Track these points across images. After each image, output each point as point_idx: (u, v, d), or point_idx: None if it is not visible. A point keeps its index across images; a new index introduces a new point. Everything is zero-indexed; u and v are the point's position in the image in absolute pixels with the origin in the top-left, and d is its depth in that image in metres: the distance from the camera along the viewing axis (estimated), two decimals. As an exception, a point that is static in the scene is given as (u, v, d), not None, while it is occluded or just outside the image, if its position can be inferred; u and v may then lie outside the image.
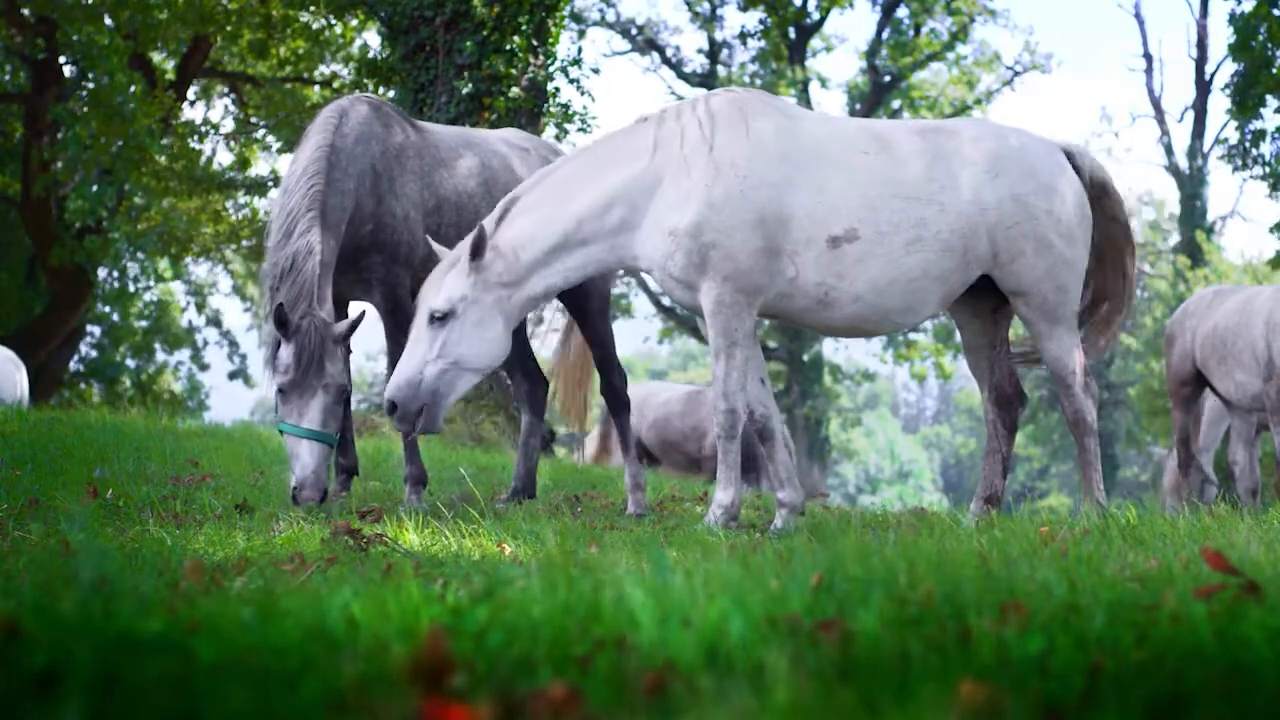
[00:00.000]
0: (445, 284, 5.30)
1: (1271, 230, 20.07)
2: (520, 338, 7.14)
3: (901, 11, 30.10)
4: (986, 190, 5.55)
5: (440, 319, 5.25)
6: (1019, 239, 5.58)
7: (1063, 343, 5.77)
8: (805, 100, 29.20)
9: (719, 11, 30.21)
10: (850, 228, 5.37)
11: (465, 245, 5.34)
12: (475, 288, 5.27)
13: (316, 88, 21.00)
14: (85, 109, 17.54)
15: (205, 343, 30.68)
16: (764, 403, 5.63)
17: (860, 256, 5.39)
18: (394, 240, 5.93)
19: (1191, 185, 29.78)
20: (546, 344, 7.96)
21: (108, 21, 17.75)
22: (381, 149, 5.97)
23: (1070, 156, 5.91)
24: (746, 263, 5.29)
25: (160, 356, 30.28)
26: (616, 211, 5.40)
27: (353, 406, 6.45)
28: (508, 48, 13.29)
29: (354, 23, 19.47)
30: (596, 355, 6.92)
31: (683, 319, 29.24)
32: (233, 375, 28.87)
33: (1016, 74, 30.52)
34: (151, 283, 29.76)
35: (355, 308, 6.36)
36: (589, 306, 6.80)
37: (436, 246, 5.50)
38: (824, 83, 30.59)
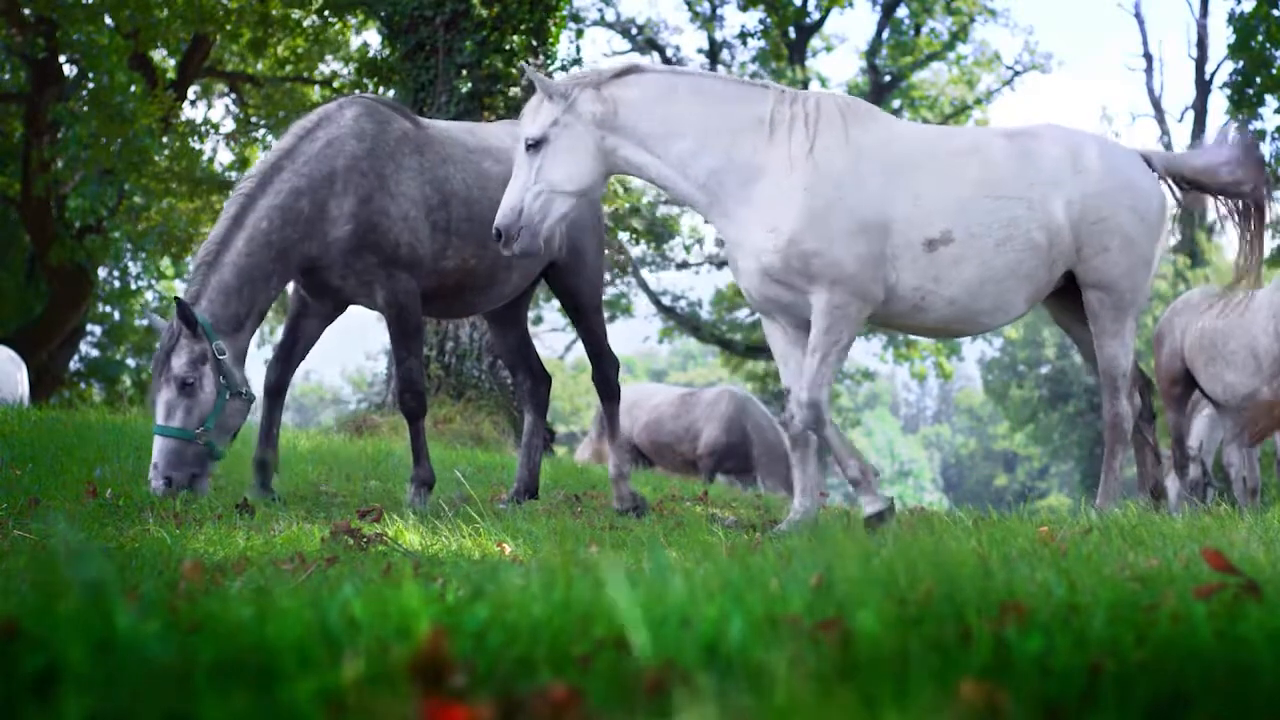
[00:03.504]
0: (539, 112, 5.42)
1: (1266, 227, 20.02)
2: (522, 337, 7.13)
3: (901, 11, 30.08)
4: (1073, 186, 5.70)
5: (534, 145, 5.36)
6: (1104, 234, 5.74)
7: (1124, 342, 5.91)
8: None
9: (719, 11, 30.17)
10: (945, 230, 5.49)
11: (558, 79, 5.49)
12: (566, 114, 5.37)
13: (316, 87, 20.98)
14: (85, 109, 17.51)
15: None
16: None
17: (955, 259, 5.50)
18: (389, 241, 5.83)
19: (1191, 185, 29.71)
20: (546, 343, 7.95)
21: (108, 21, 17.72)
22: (369, 149, 5.85)
23: (1146, 160, 6.07)
24: (852, 268, 5.37)
25: (160, 356, 30.22)
26: (707, 162, 5.43)
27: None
28: (507, 47, 13.30)
29: (353, 22, 19.45)
30: (589, 347, 6.94)
31: (683, 318, 29.17)
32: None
33: (1016, 74, 30.52)
34: (153, 282, 29.74)
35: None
36: (581, 303, 6.82)
37: (533, 73, 5.51)
38: (824, 83, 30.57)
